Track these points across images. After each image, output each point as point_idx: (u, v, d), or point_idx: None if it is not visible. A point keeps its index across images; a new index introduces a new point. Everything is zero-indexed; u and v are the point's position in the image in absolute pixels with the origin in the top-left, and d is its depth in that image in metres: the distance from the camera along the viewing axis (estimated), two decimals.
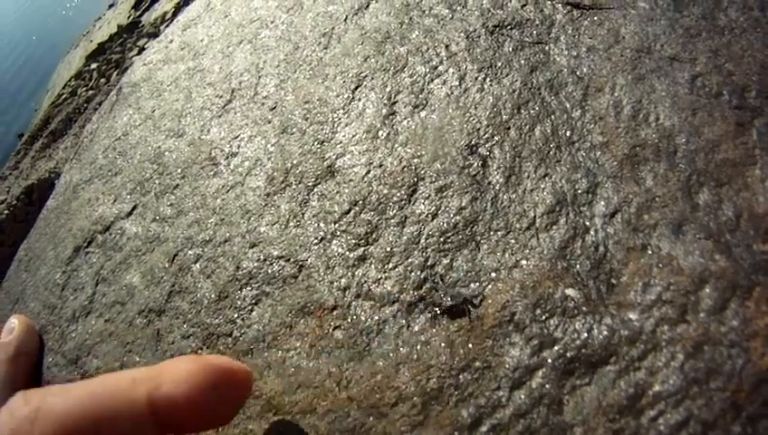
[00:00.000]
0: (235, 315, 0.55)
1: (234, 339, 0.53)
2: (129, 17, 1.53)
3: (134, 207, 0.70)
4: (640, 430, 0.41)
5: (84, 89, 1.31)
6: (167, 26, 1.10)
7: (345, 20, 0.77)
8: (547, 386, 0.44)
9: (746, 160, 0.52)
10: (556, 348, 0.45)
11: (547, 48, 0.62)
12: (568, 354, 0.45)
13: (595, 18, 0.64)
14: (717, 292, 0.45)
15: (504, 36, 0.64)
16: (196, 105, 0.80)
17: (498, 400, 0.44)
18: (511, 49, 0.63)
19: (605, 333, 0.45)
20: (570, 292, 0.48)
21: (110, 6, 1.76)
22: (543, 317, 0.47)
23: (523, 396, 0.43)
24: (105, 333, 0.60)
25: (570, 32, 0.63)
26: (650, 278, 0.47)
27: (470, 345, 0.47)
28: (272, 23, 0.85)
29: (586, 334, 0.45)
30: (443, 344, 0.47)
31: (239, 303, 0.56)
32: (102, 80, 1.30)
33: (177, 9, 1.22)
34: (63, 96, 1.34)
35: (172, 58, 0.94)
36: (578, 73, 0.59)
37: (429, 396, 0.45)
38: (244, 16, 0.91)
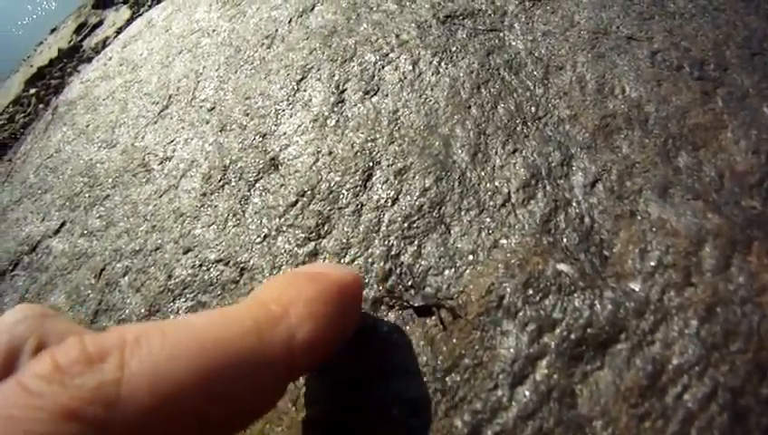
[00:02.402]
0: None
1: None
2: (70, 41, 1.54)
3: (62, 224, 0.70)
4: (667, 410, 0.37)
5: (22, 115, 1.29)
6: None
7: (289, 22, 0.78)
8: (554, 377, 0.39)
9: (717, 124, 0.55)
10: (558, 331, 0.41)
11: (502, 34, 0.66)
12: (573, 336, 0.41)
13: (548, 7, 0.69)
14: (718, 250, 0.45)
15: (457, 25, 0.68)
16: (132, 115, 0.80)
17: (498, 401, 0.39)
18: (465, 36, 0.66)
19: (609, 307, 0.42)
20: (562, 267, 0.46)
21: (53, 31, 1.76)
22: (537, 297, 0.43)
23: (527, 393, 0.39)
24: None
25: (523, 19, 0.68)
26: (646, 244, 0.46)
27: (454, 340, 0.42)
28: (213, 31, 0.87)
29: (588, 311, 0.42)
30: (421, 343, 0.42)
31: (172, 317, 0.50)
32: (41, 105, 1.28)
33: (119, 33, 1.26)
34: (0, 123, 1.30)
35: (110, 74, 0.96)
36: (536, 54, 0.63)
37: (411, 407, 0.39)
38: (186, 28, 0.93)
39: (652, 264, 0.45)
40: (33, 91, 1.37)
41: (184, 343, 0.25)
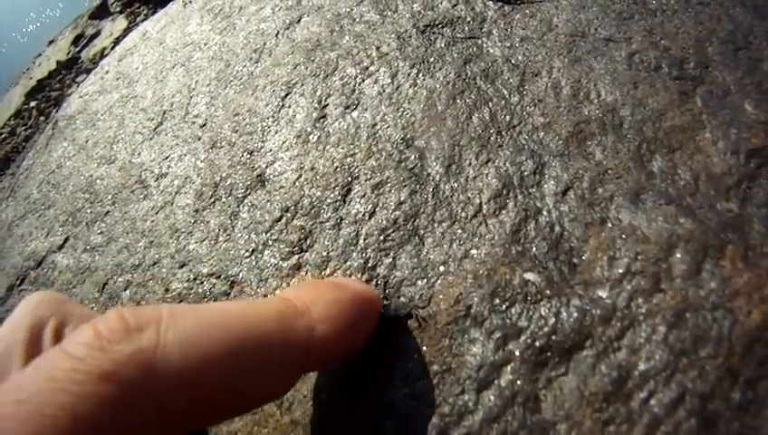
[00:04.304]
0: None
1: None
2: (68, 53, 1.60)
3: (66, 239, 0.73)
4: (632, 415, 0.38)
5: (23, 128, 1.35)
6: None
7: (276, 35, 0.81)
8: (519, 382, 0.41)
9: (695, 126, 0.55)
10: (523, 338, 0.43)
11: (480, 42, 0.67)
12: (537, 344, 0.42)
13: (527, 11, 0.69)
14: (689, 255, 0.45)
15: (436, 34, 0.69)
16: (128, 131, 0.84)
17: (464, 405, 0.40)
18: (443, 45, 0.67)
19: (575, 315, 0.44)
20: (529, 276, 0.47)
21: (50, 43, 1.83)
22: (504, 306, 0.45)
23: (492, 397, 0.40)
24: None
25: (502, 25, 0.68)
26: (615, 251, 0.47)
27: (424, 348, 0.44)
28: (205, 45, 0.90)
29: (554, 319, 0.44)
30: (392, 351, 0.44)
31: None
32: (42, 118, 1.34)
33: (116, 44, 1.30)
34: (2, 136, 1.37)
35: (107, 88, 1.01)
36: (513, 61, 0.63)
37: None
38: (179, 41, 0.97)
39: (620, 271, 0.45)
40: (33, 103, 1.43)
41: (215, 320, 0.28)
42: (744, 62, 0.61)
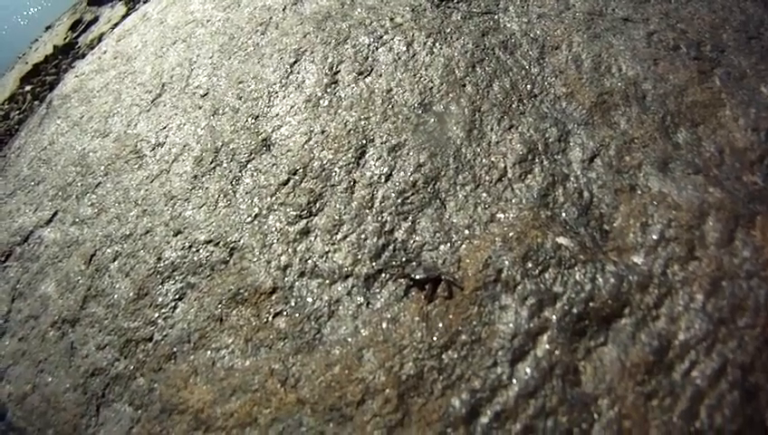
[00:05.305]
0: (156, 315, 0.47)
1: (154, 344, 0.45)
2: (65, 38, 1.50)
3: (54, 214, 0.67)
4: (675, 388, 0.34)
5: (17, 112, 1.24)
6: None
7: (284, 9, 0.76)
8: (556, 353, 0.36)
9: (715, 103, 0.53)
10: (559, 305, 0.38)
11: (497, 17, 0.63)
12: (574, 310, 0.38)
13: None
14: (721, 223, 0.42)
15: (452, 9, 0.65)
16: (125, 104, 0.77)
17: (497, 379, 0.35)
18: (459, 18, 0.63)
19: (611, 281, 0.39)
20: (562, 240, 0.42)
21: (48, 28, 1.72)
22: (537, 271, 0.40)
23: (528, 370, 0.35)
24: (18, 353, 0.54)
25: (518, 3, 0.65)
26: (647, 218, 0.43)
27: (450, 316, 0.39)
28: (208, 21, 0.84)
29: (590, 285, 0.39)
30: (416, 319, 0.39)
31: (160, 299, 0.48)
32: (36, 102, 1.24)
33: (114, 30, 1.23)
34: None
35: (104, 67, 0.94)
36: (531, 35, 0.60)
37: (406, 386, 0.35)
38: (180, 20, 0.91)
39: (654, 237, 0.42)
40: (28, 88, 1.33)
41: None
42: (758, 50, 0.59)
